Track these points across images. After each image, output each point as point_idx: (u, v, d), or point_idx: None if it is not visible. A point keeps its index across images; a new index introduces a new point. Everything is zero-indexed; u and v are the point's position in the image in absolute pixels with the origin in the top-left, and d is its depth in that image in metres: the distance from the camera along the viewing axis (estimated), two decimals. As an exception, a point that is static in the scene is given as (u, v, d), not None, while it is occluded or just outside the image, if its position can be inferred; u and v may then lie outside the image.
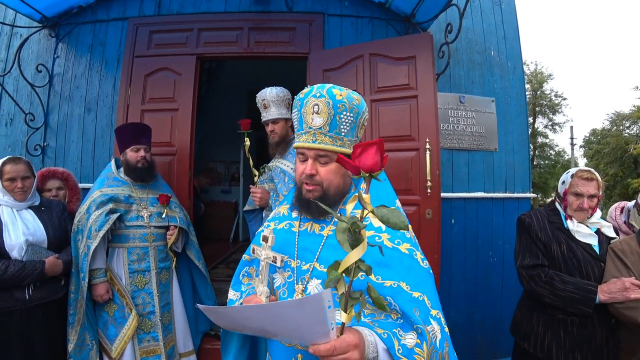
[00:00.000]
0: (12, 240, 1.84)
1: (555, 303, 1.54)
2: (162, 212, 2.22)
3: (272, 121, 2.16)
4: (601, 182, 1.61)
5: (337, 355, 0.70)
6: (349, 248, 0.66)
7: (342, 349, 0.70)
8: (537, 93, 18.31)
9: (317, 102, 0.95)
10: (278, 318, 0.71)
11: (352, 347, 0.71)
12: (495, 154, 3.09)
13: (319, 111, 0.94)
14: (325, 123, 0.95)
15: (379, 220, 0.66)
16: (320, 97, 0.95)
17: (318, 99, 0.95)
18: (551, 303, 1.55)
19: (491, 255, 3.02)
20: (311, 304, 0.65)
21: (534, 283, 1.60)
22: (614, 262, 1.51)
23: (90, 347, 2.05)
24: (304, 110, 0.97)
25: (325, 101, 0.94)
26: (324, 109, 0.94)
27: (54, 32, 3.10)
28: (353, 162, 0.69)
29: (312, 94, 0.96)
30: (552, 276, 1.56)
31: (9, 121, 3.10)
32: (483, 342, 2.95)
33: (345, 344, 0.70)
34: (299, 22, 2.88)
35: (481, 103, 3.07)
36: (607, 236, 1.62)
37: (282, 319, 0.71)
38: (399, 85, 2.44)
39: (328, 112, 0.94)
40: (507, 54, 3.24)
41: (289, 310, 0.69)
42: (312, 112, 0.95)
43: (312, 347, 0.70)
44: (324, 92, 0.95)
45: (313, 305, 0.64)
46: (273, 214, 1.19)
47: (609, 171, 16.25)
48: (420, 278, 0.90)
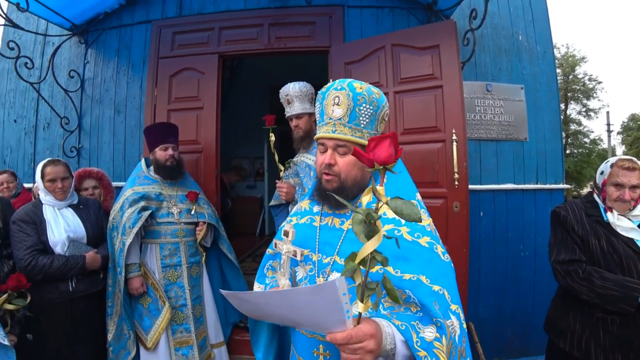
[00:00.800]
0: (55, 237, 1.96)
1: (593, 300, 1.46)
2: (191, 209, 2.29)
3: (296, 116, 2.17)
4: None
5: (353, 344, 0.71)
6: (364, 239, 0.67)
7: (358, 338, 0.71)
8: (569, 78, 17.31)
9: (337, 94, 0.97)
10: (294, 304, 0.73)
11: (368, 336, 0.72)
12: (526, 143, 2.96)
13: (339, 103, 0.97)
14: (345, 114, 0.96)
15: (393, 211, 0.66)
16: (341, 90, 0.97)
17: (339, 91, 0.97)
18: (589, 300, 1.47)
19: (522, 249, 2.91)
20: (325, 291, 0.66)
21: (570, 279, 1.52)
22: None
23: (128, 337, 2.15)
24: (325, 102, 1.00)
25: (346, 93, 0.96)
26: (344, 101, 0.96)
27: (83, 38, 3.23)
28: (368, 155, 0.70)
29: (334, 87, 0.99)
30: (590, 272, 1.47)
31: (46, 125, 3.28)
32: (513, 337, 2.87)
33: (362, 333, 0.71)
34: (319, 16, 2.86)
35: (509, 91, 2.95)
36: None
37: (299, 306, 0.73)
38: (422, 75, 2.38)
39: (348, 104, 0.96)
40: (536, 38, 3.08)
41: (304, 297, 0.71)
42: (333, 103, 0.97)
43: (329, 335, 0.72)
44: (344, 85, 0.98)
45: (327, 292, 0.66)
46: (295, 209, 1.21)
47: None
48: (441, 272, 0.90)
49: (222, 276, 2.64)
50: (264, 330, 1.25)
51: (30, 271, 1.85)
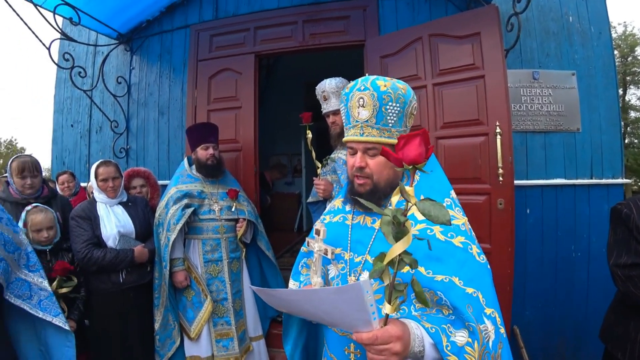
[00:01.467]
0: (107, 232, 2.12)
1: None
2: (232, 206, 2.36)
3: (332, 112, 2.16)
4: None
5: (379, 345, 0.70)
6: (392, 240, 0.67)
7: (384, 339, 0.70)
8: (628, 60, 15.68)
9: (362, 95, 0.94)
10: (321, 304, 0.74)
11: (395, 338, 0.71)
12: (578, 134, 2.73)
13: (364, 104, 0.94)
14: (371, 115, 0.94)
15: (421, 213, 0.64)
16: (365, 90, 0.94)
17: (363, 92, 0.94)
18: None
19: (574, 250, 2.70)
20: (351, 292, 0.66)
21: (632, 285, 1.37)
22: None
23: (173, 327, 2.28)
24: (350, 104, 0.98)
25: (370, 93, 0.93)
26: (369, 102, 0.94)
27: (129, 46, 3.44)
28: (396, 154, 0.68)
29: (357, 88, 0.96)
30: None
31: (99, 129, 3.54)
32: (563, 345, 2.67)
33: (388, 335, 0.70)
34: (352, 10, 2.81)
35: (559, 78, 2.73)
36: None
37: (325, 305, 0.73)
38: (462, 65, 2.27)
39: (373, 104, 0.93)
40: (589, 18, 2.82)
41: (330, 297, 0.71)
42: (358, 105, 0.95)
43: (355, 334, 0.72)
44: (367, 84, 0.94)
45: (352, 293, 0.66)
46: (329, 207, 1.22)
47: None
48: (475, 273, 0.86)
49: (261, 271, 2.71)
50: (294, 325, 1.28)
51: (86, 263, 2.03)
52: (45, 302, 1.79)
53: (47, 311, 1.75)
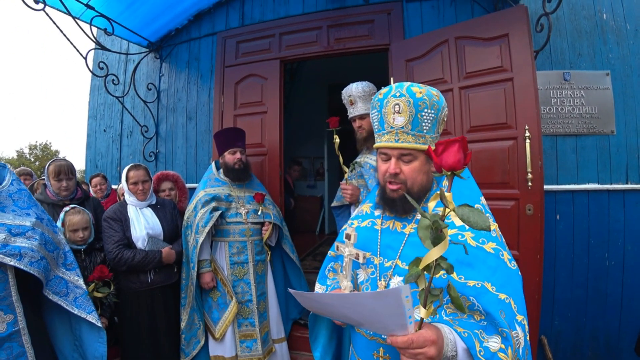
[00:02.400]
0: (137, 233, 2.20)
1: None
2: (258, 209, 2.41)
3: (359, 117, 2.17)
4: None
5: (414, 349, 0.71)
6: (430, 245, 0.67)
7: (419, 343, 0.71)
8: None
9: (397, 102, 0.95)
10: (357, 307, 0.75)
11: (429, 342, 0.71)
12: (612, 137, 2.61)
13: (400, 110, 0.95)
14: (407, 122, 0.95)
15: (460, 219, 0.65)
16: (401, 97, 0.95)
17: (398, 99, 0.95)
18: None
19: (607, 258, 2.58)
20: (389, 297, 0.67)
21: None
22: None
23: (198, 327, 2.34)
24: (385, 110, 0.98)
25: (406, 100, 0.94)
26: (405, 108, 0.94)
27: (158, 54, 3.57)
28: (435, 159, 0.69)
29: (392, 94, 0.97)
30: None
31: (129, 133, 3.69)
32: (594, 358, 2.56)
33: (422, 339, 0.71)
34: (377, 14, 2.81)
35: (592, 78, 2.63)
36: None
37: (362, 309, 0.74)
38: (490, 68, 2.22)
39: (409, 111, 0.94)
40: (624, 15, 2.69)
41: (367, 301, 0.72)
42: (394, 111, 0.96)
43: (390, 337, 0.73)
44: (403, 91, 0.95)
45: (391, 298, 0.67)
46: (357, 212, 1.23)
47: None
48: (507, 279, 0.86)
49: (285, 274, 2.74)
50: (323, 330, 1.29)
51: (117, 262, 2.12)
52: (80, 299, 1.88)
53: (82, 308, 1.84)
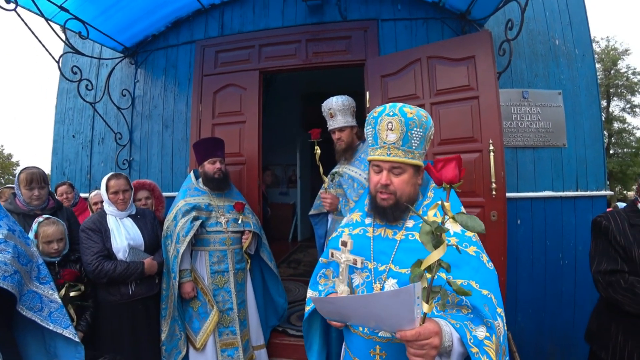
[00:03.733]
0: (117, 244, 2.17)
1: (637, 312, 1.45)
2: (238, 218, 2.44)
3: (338, 129, 2.26)
4: None
5: (422, 340, 0.80)
6: (432, 248, 0.77)
7: (425, 335, 0.80)
8: (611, 73, 16.36)
9: (390, 120, 1.06)
10: (373, 306, 0.83)
11: (434, 333, 0.82)
12: (564, 149, 2.90)
13: (393, 128, 1.05)
14: (398, 138, 1.05)
15: (460, 225, 0.76)
16: (394, 116, 1.06)
17: (392, 117, 1.06)
18: (633, 311, 1.46)
19: (561, 258, 2.85)
20: (404, 294, 0.76)
21: (612, 290, 1.52)
22: None
23: (179, 337, 2.32)
24: (379, 127, 1.08)
25: (398, 119, 1.05)
26: (397, 126, 1.05)
27: (133, 59, 3.51)
28: (436, 173, 0.80)
29: (386, 113, 1.07)
30: (633, 283, 1.46)
31: (101, 140, 3.58)
32: (553, 350, 2.80)
33: (428, 331, 0.81)
34: (354, 30, 2.95)
35: (547, 97, 2.91)
36: None
37: (377, 307, 0.83)
38: (458, 86, 2.41)
39: (401, 129, 1.05)
40: (573, 41, 3.02)
41: (384, 300, 0.81)
42: (387, 129, 1.06)
43: (400, 332, 0.82)
44: (396, 110, 1.06)
45: (406, 295, 0.76)
46: (346, 221, 1.31)
47: None
48: (487, 278, 0.99)
49: (263, 282, 2.78)
50: (316, 338, 1.36)
51: (97, 275, 2.06)
52: (55, 314, 1.83)
53: (58, 323, 1.79)
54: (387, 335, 1.04)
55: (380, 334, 1.05)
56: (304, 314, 3.44)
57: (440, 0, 2.82)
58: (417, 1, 2.95)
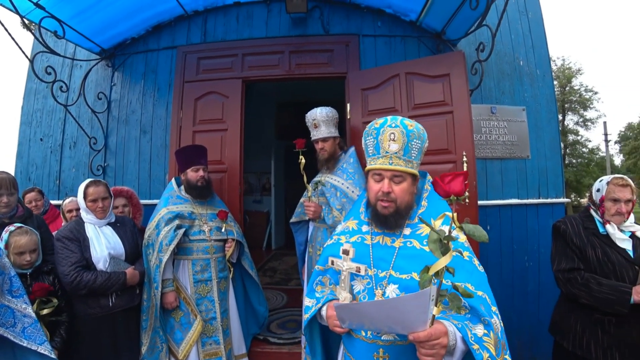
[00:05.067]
0: (97, 254, 2.08)
1: (592, 304, 1.64)
2: (221, 227, 2.44)
3: (322, 139, 2.33)
4: (634, 187, 1.72)
5: (433, 341, 0.88)
6: (440, 255, 0.85)
7: (436, 335, 0.88)
8: (566, 89, 17.77)
9: (393, 131, 1.13)
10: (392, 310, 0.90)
11: (443, 334, 0.89)
12: (528, 161, 3.16)
13: (395, 139, 1.13)
14: (400, 148, 1.13)
15: (467, 234, 0.84)
16: (396, 127, 1.14)
17: (394, 129, 1.14)
18: (588, 304, 1.65)
19: (527, 260, 3.08)
20: (420, 297, 0.83)
21: (571, 285, 1.71)
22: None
23: (160, 350, 2.27)
24: (381, 137, 1.15)
25: (400, 130, 1.13)
26: (400, 137, 1.13)
27: (110, 62, 3.41)
28: (444, 187, 0.88)
29: (388, 124, 1.15)
30: (588, 279, 1.66)
31: (73, 144, 3.43)
32: (521, 345, 3.01)
33: (438, 332, 0.88)
34: (336, 44, 3.06)
35: (512, 112, 3.16)
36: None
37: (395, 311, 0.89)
38: (434, 101, 2.57)
39: (403, 140, 1.13)
40: (535, 63, 3.31)
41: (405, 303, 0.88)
42: (389, 139, 1.14)
43: (413, 334, 0.89)
44: (398, 122, 1.14)
45: (423, 298, 0.83)
46: (341, 229, 1.35)
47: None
48: (481, 280, 1.08)
49: (244, 290, 2.78)
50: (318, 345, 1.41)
51: (75, 286, 1.96)
52: (29, 329, 1.75)
53: (32, 339, 1.71)
54: (390, 338, 1.09)
55: (383, 337, 1.10)
56: (283, 322, 3.45)
57: (417, 20, 2.99)
58: (396, 19, 3.11)
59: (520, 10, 3.36)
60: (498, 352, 0.95)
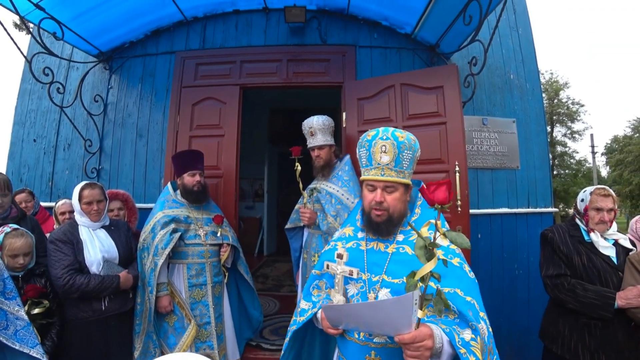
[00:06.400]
0: (91, 257, 2.07)
1: (578, 309, 1.70)
2: (217, 231, 2.45)
3: (318, 147, 2.37)
4: (615, 197, 1.81)
5: (418, 343, 0.91)
6: (425, 261, 0.88)
7: (420, 338, 0.91)
8: (554, 102, 18.23)
9: (384, 144, 1.17)
10: (379, 312, 0.93)
11: (428, 336, 0.92)
12: (518, 171, 3.25)
13: (387, 151, 1.17)
14: (391, 160, 1.17)
15: (450, 241, 0.87)
16: (387, 140, 1.17)
17: (385, 141, 1.17)
18: (575, 308, 1.72)
19: (516, 268, 3.15)
20: (404, 301, 0.87)
21: (558, 291, 1.77)
22: (631, 271, 1.68)
23: (153, 354, 2.24)
24: (373, 150, 1.19)
25: (391, 143, 1.17)
26: (390, 149, 1.16)
27: (108, 65, 3.42)
28: (429, 195, 0.92)
29: (379, 137, 1.19)
30: (574, 284, 1.72)
31: (67, 146, 3.41)
32: (511, 352, 3.06)
33: (423, 334, 0.91)
34: (333, 54, 3.12)
35: (503, 124, 3.25)
36: (623, 247, 1.78)
37: (381, 314, 0.92)
38: (428, 112, 2.64)
39: (394, 152, 1.16)
40: (525, 77, 3.43)
41: (389, 306, 0.91)
42: (381, 151, 1.17)
43: (398, 336, 0.92)
44: (389, 134, 1.18)
45: (406, 302, 0.86)
46: (338, 235, 1.40)
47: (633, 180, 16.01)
48: (470, 286, 1.11)
49: (238, 295, 2.78)
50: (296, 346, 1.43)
51: (68, 289, 1.94)
52: (22, 332, 1.73)
53: (25, 342, 1.70)
54: (382, 341, 1.12)
55: (375, 339, 1.13)
56: (276, 328, 3.45)
57: (412, 33, 3.08)
58: (392, 32, 3.20)
59: (511, 26, 3.48)
60: (485, 357, 0.98)
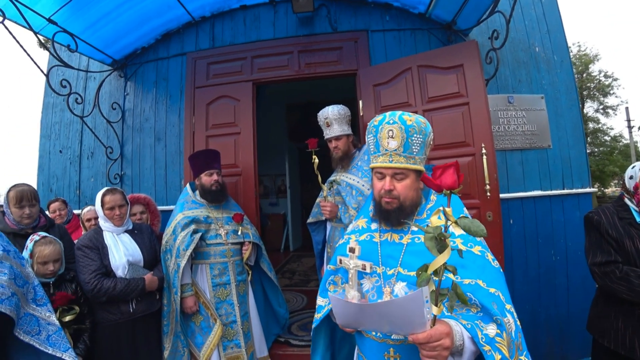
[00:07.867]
0: (116, 261, 2.11)
1: (633, 299, 1.52)
2: (238, 230, 2.43)
3: (335, 138, 2.29)
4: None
5: (433, 342, 0.83)
6: (437, 253, 0.79)
7: (436, 337, 0.82)
8: (583, 76, 17.14)
9: (391, 128, 1.09)
10: (390, 311, 0.85)
11: (445, 335, 0.84)
12: (550, 150, 3.04)
13: (394, 135, 1.09)
14: (399, 145, 1.08)
15: (462, 229, 0.78)
16: (394, 124, 1.09)
17: (392, 125, 1.09)
18: (629, 299, 1.54)
19: (553, 254, 2.96)
20: (415, 298, 0.79)
21: (609, 280, 1.59)
22: None
23: (182, 354, 2.27)
24: (380, 135, 1.11)
25: (399, 127, 1.08)
26: (398, 133, 1.08)
27: (122, 72, 3.48)
28: (435, 181, 0.82)
29: (386, 121, 1.11)
30: (627, 272, 1.54)
31: (90, 154, 3.51)
32: (551, 343, 2.89)
33: (439, 333, 0.83)
34: (345, 41, 3.02)
35: (530, 101, 3.04)
36: None
37: (392, 313, 0.85)
38: (449, 94, 2.50)
39: (401, 136, 1.08)
40: (552, 48, 3.19)
41: (397, 306, 0.83)
42: (388, 136, 1.09)
43: (411, 336, 0.84)
44: (396, 118, 1.09)
45: (415, 300, 0.79)
46: (352, 227, 1.33)
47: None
48: (494, 276, 1.01)
49: (264, 292, 2.77)
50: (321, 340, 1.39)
51: (96, 293, 2.00)
52: (54, 337, 1.77)
53: (57, 346, 1.73)
54: (400, 337, 1.05)
55: (393, 336, 1.06)
56: (304, 323, 3.42)
57: (426, 12, 2.93)
58: (405, 12, 3.05)
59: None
60: (512, 354, 0.88)
